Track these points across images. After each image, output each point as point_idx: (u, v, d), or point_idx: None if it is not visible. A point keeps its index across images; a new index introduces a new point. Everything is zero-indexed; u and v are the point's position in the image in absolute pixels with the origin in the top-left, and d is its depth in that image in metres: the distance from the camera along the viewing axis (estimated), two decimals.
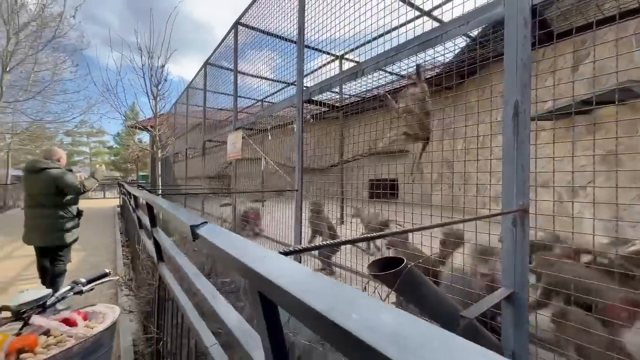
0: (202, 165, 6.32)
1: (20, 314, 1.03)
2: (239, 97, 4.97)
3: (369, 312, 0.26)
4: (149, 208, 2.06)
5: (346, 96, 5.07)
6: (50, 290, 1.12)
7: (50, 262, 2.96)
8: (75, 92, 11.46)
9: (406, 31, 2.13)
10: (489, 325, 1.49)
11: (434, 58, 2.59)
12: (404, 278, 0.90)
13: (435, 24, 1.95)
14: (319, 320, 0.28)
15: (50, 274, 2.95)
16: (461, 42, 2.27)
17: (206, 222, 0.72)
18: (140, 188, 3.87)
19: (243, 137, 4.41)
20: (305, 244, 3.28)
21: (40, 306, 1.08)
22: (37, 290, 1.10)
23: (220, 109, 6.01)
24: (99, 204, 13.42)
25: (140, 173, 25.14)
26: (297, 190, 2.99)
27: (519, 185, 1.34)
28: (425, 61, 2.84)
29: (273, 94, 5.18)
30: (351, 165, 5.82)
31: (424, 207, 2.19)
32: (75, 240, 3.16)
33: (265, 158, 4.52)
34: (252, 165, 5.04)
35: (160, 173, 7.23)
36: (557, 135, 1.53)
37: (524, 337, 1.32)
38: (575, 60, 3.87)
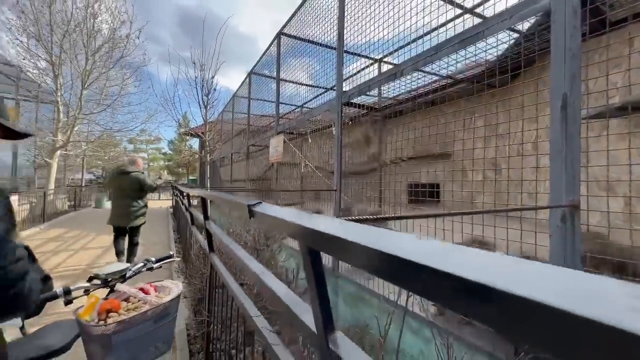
0: (246, 168, 6.71)
1: (107, 282, 1.24)
2: (281, 103, 5.23)
3: (401, 242, 0.34)
4: (203, 203, 2.28)
5: (384, 99, 5.08)
6: (128, 265, 1.33)
7: (129, 237, 4.21)
8: (137, 104, 12.88)
9: (446, 30, 2.13)
10: None
11: (476, 55, 2.53)
12: None
13: (477, 21, 1.92)
14: (365, 252, 0.36)
15: (131, 246, 4.21)
16: (504, 37, 2.20)
17: (260, 202, 0.83)
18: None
19: (284, 141, 4.63)
20: None
21: (122, 277, 1.29)
22: (119, 264, 1.31)
23: (263, 115, 6.36)
24: (155, 205, 14.74)
25: (190, 177, 27.19)
26: (335, 190, 3.08)
27: (569, 181, 1.29)
28: (466, 58, 2.77)
29: (311, 99, 5.37)
30: (389, 169, 5.77)
31: (468, 209, 2.13)
32: (144, 223, 4.31)
33: (305, 161, 4.68)
34: (292, 168, 5.25)
35: (208, 175, 7.81)
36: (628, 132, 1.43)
37: None
38: None
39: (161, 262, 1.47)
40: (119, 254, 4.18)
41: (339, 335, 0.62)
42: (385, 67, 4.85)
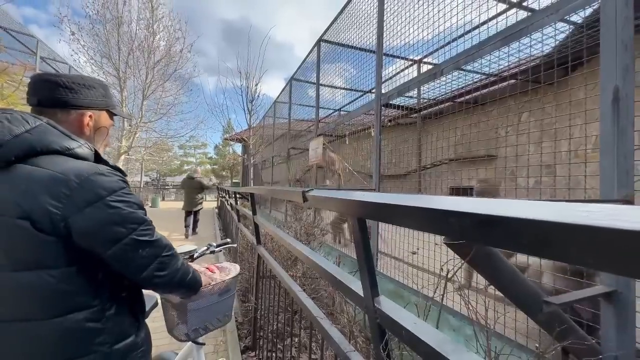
0: (286, 170, 7.01)
1: None
2: (320, 108, 5.42)
3: (440, 201, 0.44)
4: (252, 199, 2.50)
5: (424, 100, 5.02)
6: (196, 247, 1.55)
7: (194, 217, 7.46)
8: (188, 112, 14.03)
9: (488, 28, 2.12)
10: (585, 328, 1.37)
11: (519, 50, 2.45)
12: (478, 249, 0.98)
13: (521, 16, 1.89)
14: (415, 211, 0.47)
15: (194, 222, 7.47)
16: (550, 31, 2.13)
17: (312, 189, 0.97)
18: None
19: (323, 144, 4.79)
20: (382, 241, 3.39)
21: (191, 257, 1.51)
22: (189, 245, 1.54)
23: (302, 120, 6.61)
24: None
25: (233, 180, 28.76)
26: (374, 190, 3.15)
27: (621, 176, 1.25)
28: (509, 54, 2.68)
29: (349, 103, 5.49)
30: (429, 171, 5.65)
31: None
32: (202, 208, 7.73)
33: (345, 165, 4.80)
34: (330, 171, 5.39)
35: (251, 177, 8.26)
36: None
37: (630, 341, 1.20)
38: None
39: (221, 247, 1.68)
40: (187, 226, 7.32)
41: (382, 298, 0.72)
42: (424, 68, 4.81)
